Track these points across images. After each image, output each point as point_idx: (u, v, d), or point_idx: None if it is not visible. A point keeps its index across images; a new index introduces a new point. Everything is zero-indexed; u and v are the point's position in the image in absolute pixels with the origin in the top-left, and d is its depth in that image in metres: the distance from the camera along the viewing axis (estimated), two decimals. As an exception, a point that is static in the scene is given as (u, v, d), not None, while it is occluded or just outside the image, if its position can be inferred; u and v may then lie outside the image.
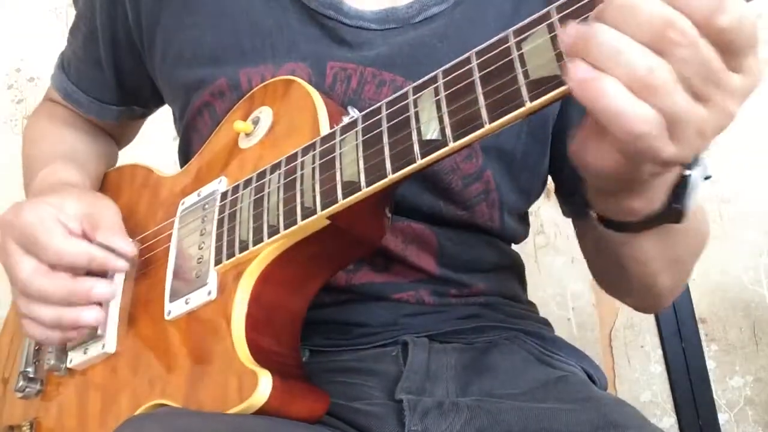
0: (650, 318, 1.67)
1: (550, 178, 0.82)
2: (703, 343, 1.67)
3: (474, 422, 0.63)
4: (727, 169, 1.71)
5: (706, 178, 0.56)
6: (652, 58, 0.40)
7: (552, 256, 1.66)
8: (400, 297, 0.73)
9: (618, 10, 0.40)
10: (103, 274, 0.68)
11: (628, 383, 1.66)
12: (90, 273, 0.67)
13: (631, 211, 0.56)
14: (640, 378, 1.66)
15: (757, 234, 1.70)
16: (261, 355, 0.58)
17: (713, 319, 1.68)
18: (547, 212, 1.63)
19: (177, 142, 0.85)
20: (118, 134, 0.99)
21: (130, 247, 0.67)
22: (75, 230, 0.67)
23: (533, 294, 0.88)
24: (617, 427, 0.60)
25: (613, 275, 0.73)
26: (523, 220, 0.83)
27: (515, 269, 0.83)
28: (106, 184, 0.87)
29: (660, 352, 1.67)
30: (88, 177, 0.83)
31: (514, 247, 0.84)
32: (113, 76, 0.87)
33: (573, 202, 0.81)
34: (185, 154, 0.82)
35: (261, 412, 0.55)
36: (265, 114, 0.67)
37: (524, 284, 0.86)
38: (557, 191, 0.84)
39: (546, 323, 0.83)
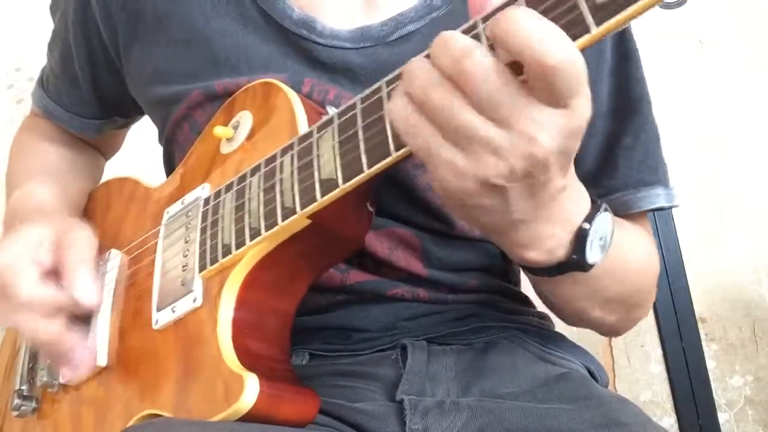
0: (650, 318, 1.67)
1: None
2: (703, 343, 1.66)
3: (475, 421, 0.63)
4: (727, 169, 1.71)
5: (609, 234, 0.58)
6: (434, 79, 0.44)
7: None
8: (395, 293, 0.72)
9: (435, 41, 0.45)
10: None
11: (628, 383, 1.65)
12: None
13: (529, 261, 0.56)
14: (640, 378, 1.65)
15: (757, 234, 1.70)
16: (249, 359, 0.58)
17: (713, 319, 1.68)
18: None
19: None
20: (103, 145, 0.98)
21: (92, 293, 0.66)
22: (46, 264, 0.65)
23: (533, 294, 0.87)
24: (619, 425, 0.59)
25: (547, 305, 0.73)
26: None
27: (507, 266, 0.82)
28: (95, 199, 0.86)
29: (660, 351, 1.66)
30: (66, 194, 0.81)
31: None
32: (92, 92, 0.87)
33: None
34: (168, 167, 0.82)
35: (249, 416, 0.54)
36: (244, 118, 0.67)
37: (518, 279, 0.85)
38: None
39: (545, 317, 0.83)
